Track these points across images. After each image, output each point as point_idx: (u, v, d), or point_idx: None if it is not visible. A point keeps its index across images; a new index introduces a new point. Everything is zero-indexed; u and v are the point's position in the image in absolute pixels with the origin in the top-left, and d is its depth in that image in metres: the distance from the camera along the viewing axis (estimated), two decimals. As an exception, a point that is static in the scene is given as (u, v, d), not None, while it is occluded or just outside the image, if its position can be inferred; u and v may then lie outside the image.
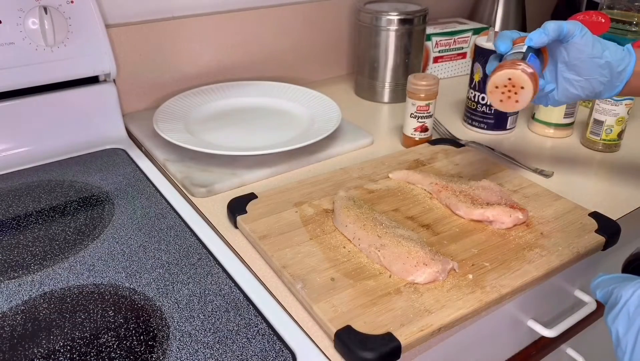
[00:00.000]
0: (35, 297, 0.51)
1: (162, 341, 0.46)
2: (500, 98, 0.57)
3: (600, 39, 0.60)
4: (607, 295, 0.43)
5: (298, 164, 0.76)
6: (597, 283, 0.45)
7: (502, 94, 0.56)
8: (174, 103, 0.85)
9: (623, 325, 0.40)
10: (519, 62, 0.55)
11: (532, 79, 0.55)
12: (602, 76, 0.59)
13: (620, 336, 0.40)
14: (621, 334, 0.40)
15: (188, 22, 0.90)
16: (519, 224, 0.61)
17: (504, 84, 0.56)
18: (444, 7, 1.23)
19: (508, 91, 0.56)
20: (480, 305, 0.50)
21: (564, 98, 0.62)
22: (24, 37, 0.73)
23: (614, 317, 0.41)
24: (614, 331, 0.41)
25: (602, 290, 0.44)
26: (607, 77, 0.59)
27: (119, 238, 0.59)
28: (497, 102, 0.57)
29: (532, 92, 0.55)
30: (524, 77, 0.54)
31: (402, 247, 0.53)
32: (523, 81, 0.55)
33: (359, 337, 0.45)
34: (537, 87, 0.56)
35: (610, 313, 0.42)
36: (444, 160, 0.76)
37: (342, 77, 1.12)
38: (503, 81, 0.56)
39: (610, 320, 0.42)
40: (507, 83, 0.56)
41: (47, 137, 0.78)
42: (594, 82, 0.60)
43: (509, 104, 0.56)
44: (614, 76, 0.59)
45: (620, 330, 0.40)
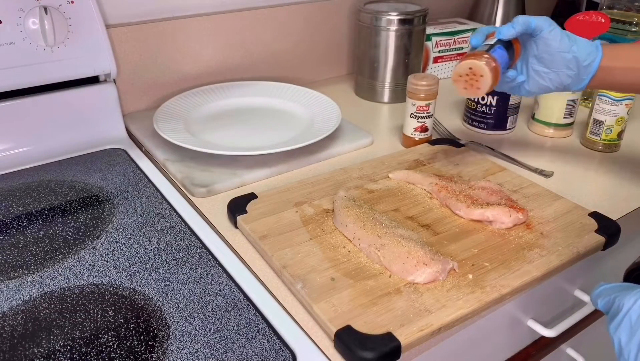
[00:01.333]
0: (35, 297, 0.51)
1: (162, 341, 0.46)
2: (464, 86, 0.62)
3: (570, 35, 0.63)
4: (609, 304, 0.43)
5: (298, 164, 0.76)
6: (599, 292, 0.45)
7: (466, 82, 0.62)
8: (174, 103, 0.85)
9: (625, 334, 0.40)
10: (482, 53, 0.61)
11: (491, 67, 0.60)
12: (569, 69, 0.63)
13: (622, 346, 0.40)
14: (623, 343, 0.40)
15: (188, 22, 0.90)
16: (519, 224, 0.61)
17: (466, 72, 0.61)
18: (444, 7, 1.23)
19: (470, 79, 0.61)
20: (480, 305, 0.50)
21: (535, 89, 0.66)
22: (24, 37, 0.73)
23: (616, 326, 0.41)
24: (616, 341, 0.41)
25: (604, 299, 0.44)
26: (574, 70, 0.63)
27: (119, 238, 0.60)
28: (462, 89, 0.63)
29: (490, 79, 0.60)
30: (483, 66, 0.60)
31: (402, 247, 0.53)
32: (482, 69, 0.60)
33: (359, 337, 0.45)
34: (498, 75, 0.61)
35: (612, 323, 0.42)
36: (444, 160, 0.76)
37: (342, 77, 1.12)
38: (465, 70, 0.61)
39: (612, 329, 0.42)
40: (468, 72, 0.61)
41: (47, 137, 0.78)
42: (562, 75, 0.63)
43: (472, 91, 0.62)
44: (580, 70, 0.63)
45: (623, 339, 0.40)
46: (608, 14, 0.97)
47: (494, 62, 0.60)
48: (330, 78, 1.11)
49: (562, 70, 0.63)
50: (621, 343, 0.40)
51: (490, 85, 0.60)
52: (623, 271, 0.80)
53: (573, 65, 0.62)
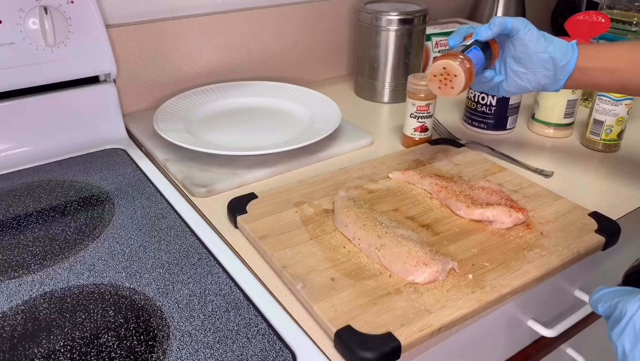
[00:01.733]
0: (35, 297, 0.51)
1: (162, 341, 0.46)
2: (438, 85, 0.63)
3: (547, 35, 0.64)
4: (611, 310, 0.43)
5: (298, 164, 0.76)
6: (598, 296, 0.44)
7: (440, 82, 0.62)
8: (174, 103, 0.85)
9: (629, 341, 0.40)
10: (454, 53, 0.61)
11: (465, 68, 0.60)
12: (546, 69, 0.63)
13: (627, 353, 0.40)
14: (628, 350, 0.40)
15: (188, 22, 0.90)
16: (519, 224, 0.61)
17: (440, 72, 0.62)
18: (444, 7, 1.23)
19: (444, 79, 0.62)
20: (480, 305, 0.50)
21: (513, 89, 0.67)
22: (24, 37, 0.73)
23: (619, 333, 0.41)
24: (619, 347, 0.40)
25: (605, 304, 0.43)
26: (551, 70, 0.63)
27: (119, 238, 0.60)
28: (436, 89, 0.63)
29: (463, 79, 0.60)
30: (456, 66, 0.60)
31: (402, 247, 0.53)
32: (455, 69, 0.60)
33: (359, 337, 0.45)
34: (472, 75, 0.61)
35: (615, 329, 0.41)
36: (444, 160, 0.76)
37: (342, 77, 1.12)
38: (439, 70, 0.62)
39: (615, 336, 0.41)
40: (442, 72, 0.61)
41: (47, 137, 0.78)
42: (539, 75, 0.64)
43: (446, 90, 0.62)
44: (557, 70, 0.63)
45: (627, 346, 0.40)
46: (608, 14, 0.97)
47: (468, 62, 0.60)
48: (330, 78, 1.11)
49: (539, 70, 0.63)
50: (625, 350, 0.40)
51: (463, 85, 0.61)
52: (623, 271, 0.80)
53: (550, 65, 0.63)
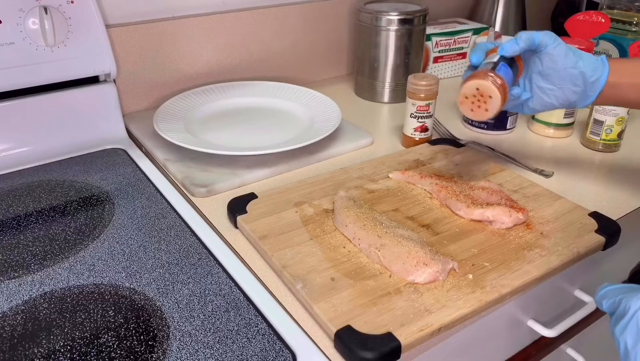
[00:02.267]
0: (35, 297, 0.51)
1: (162, 341, 0.46)
2: (470, 108, 0.59)
3: (575, 50, 0.60)
4: (615, 306, 0.43)
5: (298, 164, 0.76)
6: (603, 293, 0.44)
7: (472, 103, 0.58)
8: (174, 103, 0.85)
9: (632, 337, 0.40)
10: (488, 72, 0.57)
11: (500, 88, 0.56)
12: (575, 85, 0.60)
13: (629, 348, 0.40)
14: (630, 346, 0.40)
15: (188, 22, 0.90)
16: (519, 224, 0.61)
17: (473, 94, 0.57)
18: (444, 7, 1.23)
19: (477, 101, 0.58)
20: (480, 305, 0.50)
21: (539, 107, 0.63)
22: (24, 37, 0.73)
23: (622, 328, 0.41)
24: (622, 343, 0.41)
25: (609, 300, 0.43)
26: (580, 87, 0.60)
27: (119, 238, 0.60)
28: (469, 111, 0.59)
29: (500, 101, 0.56)
30: (491, 86, 0.56)
31: (402, 247, 0.53)
32: (490, 90, 0.56)
33: (359, 337, 0.45)
34: (507, 95, 0.57)
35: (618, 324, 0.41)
36: (444, 160, 0.76)
37: (342, 77, 1.12)
38: (472, 91, 0.57)
39: (618, 331, 0.41)
40: (475, 93, 0.57)
41: (47, 137, 0.78)
42: (567, 91, 0.61)
43: (479, 113, 0.58)
44: (587, 86, 0.60)
45: (629, 342, 0.40)
46: (608, 14, 0.97)
47: (500, 80, 0.57)
48: (330, 78, 1.11)
49: (568, 86, 0.60)
50: (627, 346, 0.40)
51: (499, 106, 0.57)
52: (623, 271, 0.80)
53: (579, 81, 0.59)
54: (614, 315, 0.43)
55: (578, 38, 0.86)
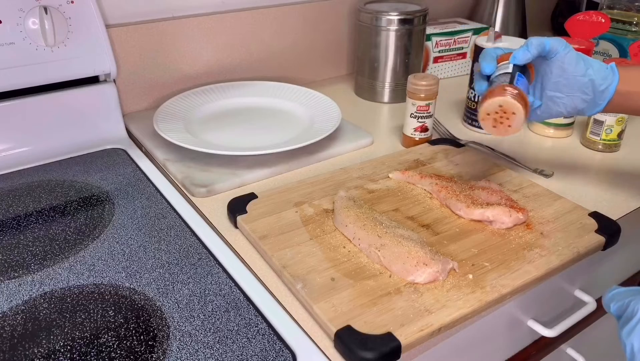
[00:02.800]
0: (35, 297, 0.51)
1: (162, 341, 0.46)
2: (493, 125, 0.57)
3: (585, 57, 0.60)
4: (622, 309, 0.42)
5: (298, 164, 0.76)
6: (612, 295, 0.44)
7: (495, 120, 0.57)
8: (174, 103, 0.85)
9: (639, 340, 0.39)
10: (508, 87, 0.56)
11: (523, 103, 0.55)
12: (584, 93, 0.59)
13: (635, 351, 0.39)
14: (636, 349, 0.39)
15: (188, 22, 0.90)
16: (519, 224, 0.61)
17: (495, 110, 0.56)
18: (444, 7, 1.23)
19: (500, 117, 0.56)
20: (480, 305, 0.50)
21: (546, 114, 0.63)
22: (24, 37, 0.73)
23: (629, 331, 0.40)
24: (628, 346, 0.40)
25: (617, 303, 0.43)
26: (589, 95, 0.59)
27: (119, 238, 0.59)
28: (491, 128, 0.58)
29: (523, 116, 0.55)
30: (515, 103, 0.55)
31: (402, 247, 0.53)
32: (514, 107, 0.55)
33: (359, 337, 0.45)
34: (528, 109, 0.56)
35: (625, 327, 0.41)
36: (444, 160, 0.76)
37: (342, 77, 1.12)
38: (494, 108, 0.56)
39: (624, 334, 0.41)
40: (498, 110, 0.56)
41: (47, 137, 0.78)
42: (577, 99, 0.60)
43: (502, 129, 0.57)
44: (596, 94, 0.59)
45: (636, 345, 0.39)
46: (608, 14, 0.97)
47: (522, 95, 0.55)
48: (330, 78, 1.11)
49: (577, 95, 0.59)
50: (634, 348, 0.40)
51: (523, 121, 0.55)
52: (623, 271, 0.80)
53: (589, 90, 0.59)
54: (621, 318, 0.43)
55: (578, 38, 0.86)
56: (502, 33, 0.86)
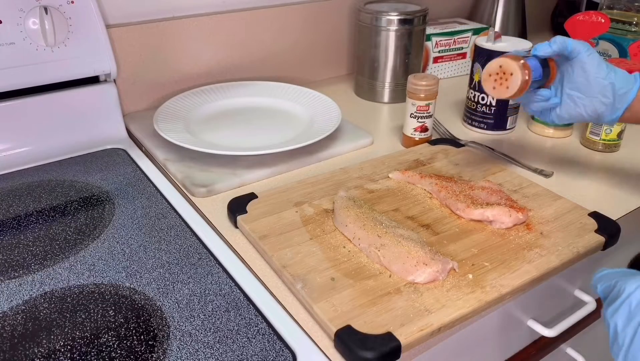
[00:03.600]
0: (35, 297, 0.51)
1: (162, 341, 0.46)
2: (493, 85, 0.61)
3: (610, 64, 0.61)
4: (609, 289, 0.43)
5: (298, 164, 0.76)
6: (600, 276, 0.45)
7: (495, 81, 0.61)
8: (174, 103, 0.85)
9: (622, 319, 0.40)
10: (514, 56, 0.60)
11: (522, 67, 0.58)
12: (604, 96, 0.60)
13: (618, 331, 0.40)
14: (620, 328, 0.40)
15: (188, 22, 0.90)
16: (519, 224, 0.61)
17: (496, 71, 0.60)
18: (444, 7, 1.23)
19: (500, 78, 0.60)
20: (480, 305, 0.50)
21: (567, 115, 0.63)
22: (25, 37, 0.73)
23: (613, 311, 0.41)
24: (612, 325, 0.41)
25: (604, 284, 0.44)
26: (609, 98, 0.60)
27: (119, 238, 0.60)
28: (491, 88, 0.62)
29: (520, 78, 0.59)
30: (513, 63, 0.59)
31: (402, 247, 0.53)
32: (512, 67, 0.59)
33: (359, 337, 0.45)
34: (529, 78, 0.59)
35: (610, 307, 0.41)
36: (444, 160, 0.76)
37: (342, 77, 1.12)
38: (495, 69, 0.60)
39: (609, 314, 0.41)
40: (498, 71, 0.60)
41: (47, 137, 0.78)
42: (596, 102, 0.61)
43: (501, 90, 0.61)
44: (616, 98, 0.60)
45: (620, 324, 0.40)
46: (608, 14, 0.97)
47: (524, 63, 0.59)
48: (330, 78, 1.11)
49: (597, 97, 0.60)
50: (617, 328, 0.40)
51: (519, 85, 0.58)
52: (623, 271, 0.80)
53: (609, 93, 0.59)
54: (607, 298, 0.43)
55: (578, 38, 0.86)
56: (501, 33, 0.86)
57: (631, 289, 0.40)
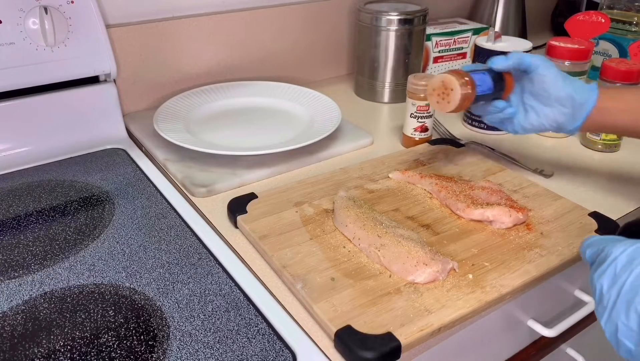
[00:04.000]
0: (35, 297, 0.51)
1: (162, 341, 0.46)
2: (436, 100, 0.63)
3: (568, 76, 0.63)
4: (596, 254, 0.44)
5: (298, 164, 0.76)
6: (589, 243, 0.46)
7: (438, 95, 0.63)
8: (174, 103, 0.85)
9: (608, 281, 0.41)
10: (457, 71, 0.62)
11: (463, 84, 0.61)
12: (563, 106, 0.62)
13: (603, 292, 0.41)
14: (605, 290, 0.41)
15: (188, 22, 0.90)
16: (519, 224, 0.61)
17: (439, 86, 0.62)
18: (444, 7, 1.23)
19: (442, 93, 0.62)
20: (480, 305, 0.50)
21: (528, 125, 0.65)
22: (25, 37, 0.73)
23: (600, 274, 0.42)
24: (598, 287, 0.42)
25: (592, 249, 0.45)
26: (568, 108, 0.62)
27: (119, 238, 0.60)
28: (434, 103, 0.64)
29: (459, 93, 0.61)
30: (453, 80, 0.61)
31: (402, 247, 0.53)
32: (452, 83, 0.61)
33: (359, 337, 0.45)
34: (473, 92, 0.62)
35: (597, 270, 0.42)
36: (444, 160, 0.76)
37: (342, 77, 1.12)
38: (438, 84, 0.63)
39: (596, 277, 0.42)
40: (440, 86, 0.62)
41: (47, 137, 0.78)
42: (556, 112, 0.62)
43: (443, 105, 0.63)
44: (575, 108, 0.62)
45: (605, 286, 0.41)
46: (608, 14, 0.97)
47: (468, 79, 0.61)
48: (330, 78, 1.11)
49: (557, 107, 0.62)
50: (603, 289, 0.41)
51: (458, 100, 0.61)
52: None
53: (567, 103, 0.61)
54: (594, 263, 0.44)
55: (578, 38, 0.86)
56: (501, 33, 0.86)
57: (617, 253, 0.41)
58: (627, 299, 0.39)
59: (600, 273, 0.42)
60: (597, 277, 0.42)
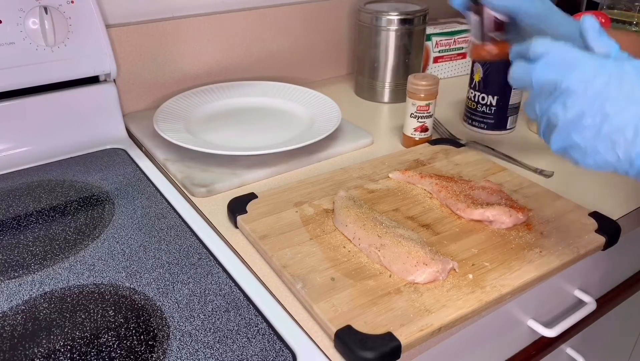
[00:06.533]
0: (35, 297, 0.51)
1: (162, 341, 0.46)
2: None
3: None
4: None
5: (298, 164, 0.76)
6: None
7: None
8: (174, 103, 0.85)
9: None
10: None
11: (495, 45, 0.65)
12: None
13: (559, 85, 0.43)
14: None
15: (188, 22, 0.90)
16: (519, 224, 0.61)
17: None
18: (444, 7, 1.22)
19: None
20: (480, 305, 0.50)
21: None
22: (24, 37, 0.73)
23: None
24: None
25: None
26: None
27: (119, 238, 0.60)
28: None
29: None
30: None
31: (402, 247, 0.53)
32: None
33: (359, 337, 0.45)
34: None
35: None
36: (444, 160, 0.76)
37: (342, 77, 1.12)
38: None
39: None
40: None
41: (47, 137, 0.78)
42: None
43: None
44: None
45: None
46: (608, 14, 0.97)
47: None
48: (330, 78, 1.11)
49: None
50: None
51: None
52: (623, 271, 0.80)
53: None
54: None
55: (578, 38, 0.86)
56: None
57: None
58: None
59: None
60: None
